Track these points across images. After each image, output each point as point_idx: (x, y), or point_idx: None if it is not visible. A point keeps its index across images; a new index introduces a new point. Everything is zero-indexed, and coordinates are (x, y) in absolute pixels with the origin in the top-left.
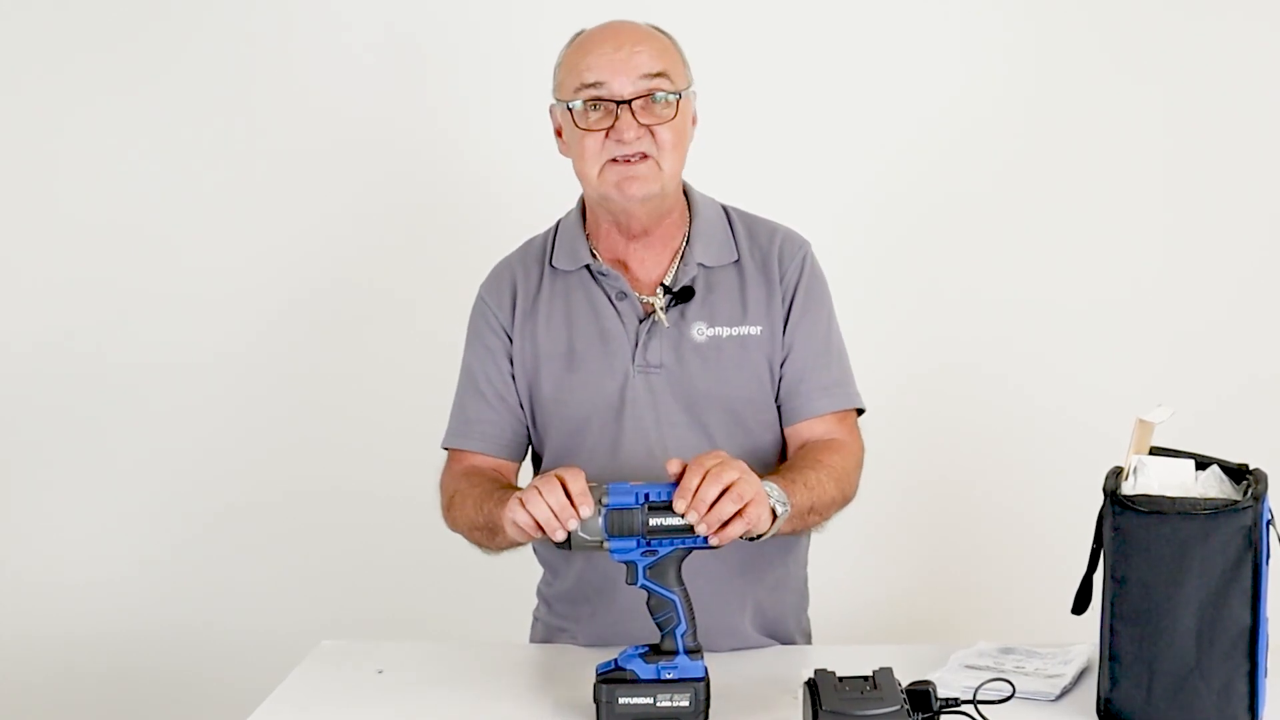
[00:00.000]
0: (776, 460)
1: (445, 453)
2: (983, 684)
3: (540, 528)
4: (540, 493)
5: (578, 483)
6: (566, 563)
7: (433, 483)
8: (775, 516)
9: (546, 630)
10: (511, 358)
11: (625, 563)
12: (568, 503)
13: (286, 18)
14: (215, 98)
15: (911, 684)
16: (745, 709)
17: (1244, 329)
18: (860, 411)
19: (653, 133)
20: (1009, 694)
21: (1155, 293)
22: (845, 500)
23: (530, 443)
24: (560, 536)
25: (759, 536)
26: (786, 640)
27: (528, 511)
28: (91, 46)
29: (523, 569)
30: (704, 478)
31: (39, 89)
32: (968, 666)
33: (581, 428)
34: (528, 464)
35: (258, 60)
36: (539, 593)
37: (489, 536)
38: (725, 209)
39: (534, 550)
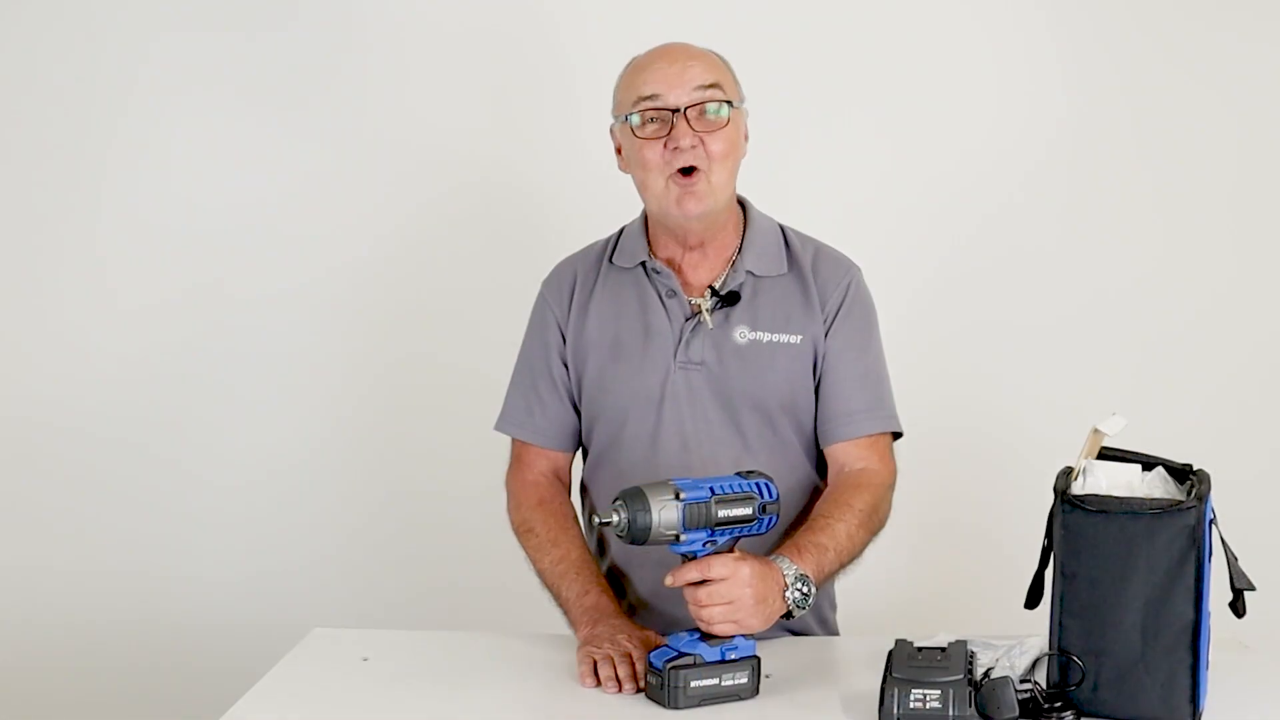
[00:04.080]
0: (805, 462)
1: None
2: None
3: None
4: (614, 668)
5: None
6: (640, 566)
7: (428, 474)
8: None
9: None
10: (566, 350)
11: (684, 554)
12: (630, 674)
13: (393, 33)
14: (295, 106)
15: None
16: (779, 688)
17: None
18: (898, 435)
19: (705, 142)
20: None
21: (1138, 299)
22: (877, 533)
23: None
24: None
25: (788, 615)
26: (812, 633)
27: (596, 677)
28: (174, 49)
29: (512, 564)
30: (710, 589)
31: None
32: None
33: (623, 417)
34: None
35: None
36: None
37: (549, 596)
38: (782, 227)
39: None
